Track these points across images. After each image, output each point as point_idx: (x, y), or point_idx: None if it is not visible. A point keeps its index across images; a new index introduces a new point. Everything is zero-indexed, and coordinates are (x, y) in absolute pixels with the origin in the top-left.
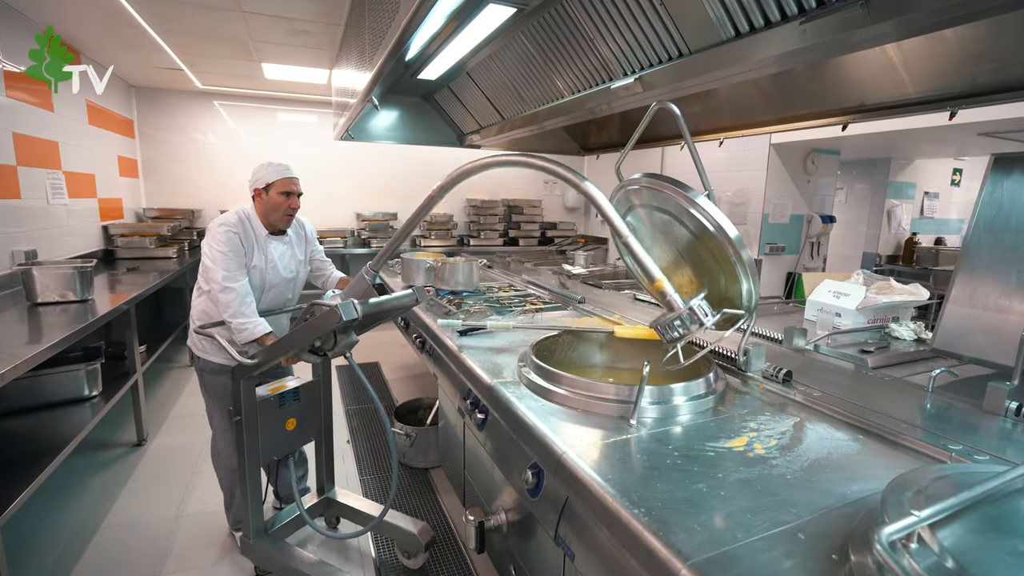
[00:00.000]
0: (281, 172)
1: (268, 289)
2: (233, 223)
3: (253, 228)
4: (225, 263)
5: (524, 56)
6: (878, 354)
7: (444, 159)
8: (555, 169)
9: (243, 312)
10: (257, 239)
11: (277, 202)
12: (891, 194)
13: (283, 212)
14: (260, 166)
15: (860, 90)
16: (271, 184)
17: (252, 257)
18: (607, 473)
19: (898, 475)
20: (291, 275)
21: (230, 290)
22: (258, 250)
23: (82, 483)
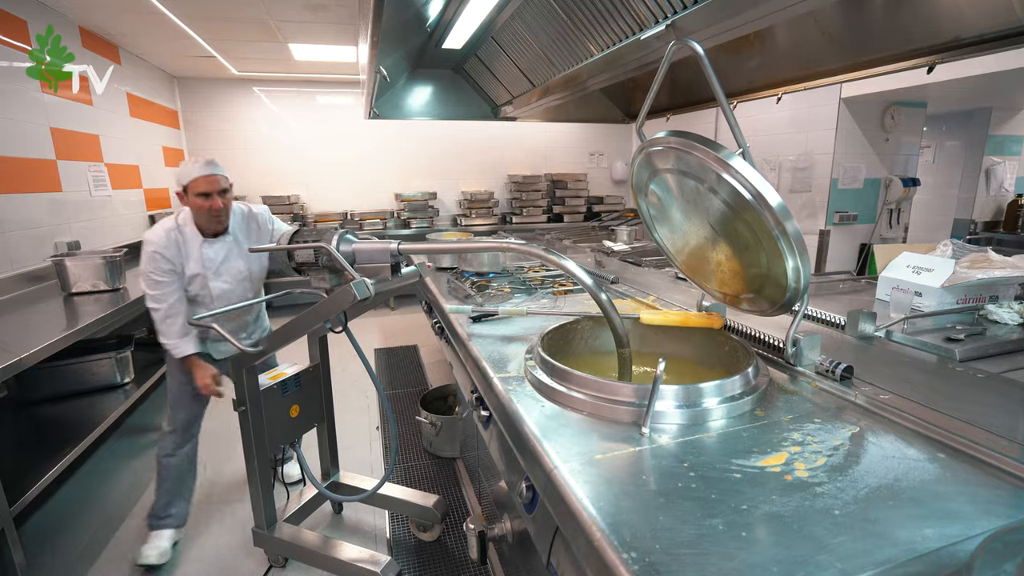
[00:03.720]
0: (194, 171)
1: (218, 298)
2: (156, 241)
3: (184, 236)
4: (149, 283)
5: (548, 13)
6: (969, 343)
7: (481, 134)
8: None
9: (163, 331)
10: (189, 247)
11: (197, 204)
12: (990, 150)
13: (206, 215)
14: (181, 164)
15: (954, 19)
16: (187, 186)
17: (185, 267)
18: (600, 499)
19: (998, 529)
20: (241, 275)
21: (155, 310)
22: (192, 259)
23: (116, 468)
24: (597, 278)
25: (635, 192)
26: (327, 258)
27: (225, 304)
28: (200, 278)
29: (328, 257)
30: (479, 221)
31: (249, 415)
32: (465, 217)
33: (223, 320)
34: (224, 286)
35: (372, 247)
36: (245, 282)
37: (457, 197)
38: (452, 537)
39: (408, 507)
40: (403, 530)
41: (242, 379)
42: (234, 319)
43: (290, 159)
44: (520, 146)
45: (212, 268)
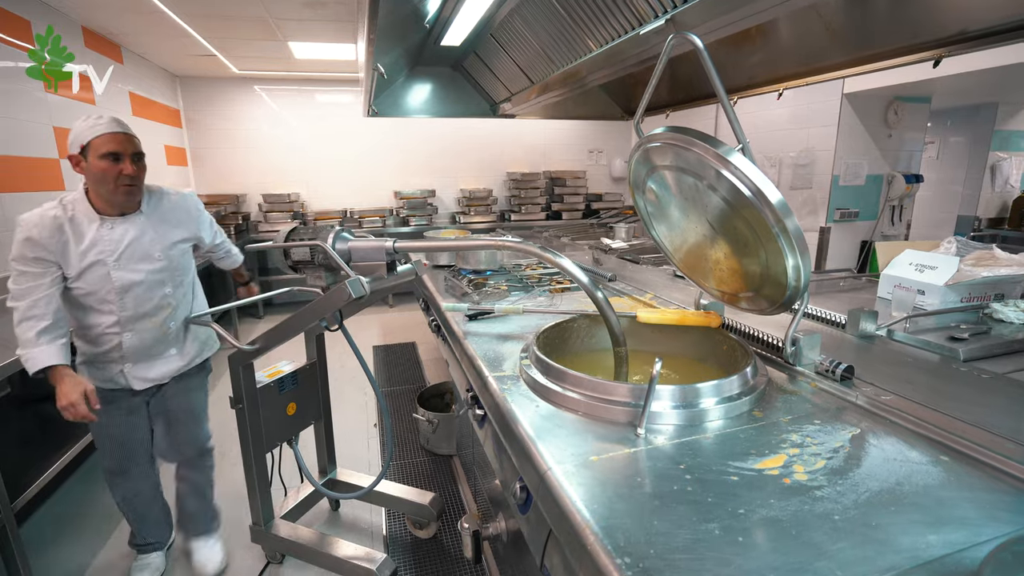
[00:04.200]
0: (99, 127)
1: (127, 290)
2: (28, 222)
3: (73, 218)
4: (12, 275)
5: (546, 9)
6: (973, 342)
7: (480, 131)
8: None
9: (19, 336)
10: (80, 231)
11: (101, 169)
12: (996, 145)
13: (113, 184)
14: (73, 127)
15: (961, 11)
16: (87, 146)
17: (72, 256)
18: (594, 502)
19: (1007, 538)
20: (156, 264)
21: (13, 309)
22: (84, 243)
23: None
24: (595, 276)
25: (633, 189)
26: (323, 256)
27: (141, 300)
28: (97, 268)
29: (324, 255)
30: (478, 219)
31: (246, 412)
32: (464, 215)
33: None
34: (132, 276)
35: (368, 245)
36: (162, 273)
37: (456, 195)
38: (448, 534)
39: (404, 504)
40: (399, 527)
41: (239, 376)
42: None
43: (290, 157)
44: (519, 143)
45: (113, 253)
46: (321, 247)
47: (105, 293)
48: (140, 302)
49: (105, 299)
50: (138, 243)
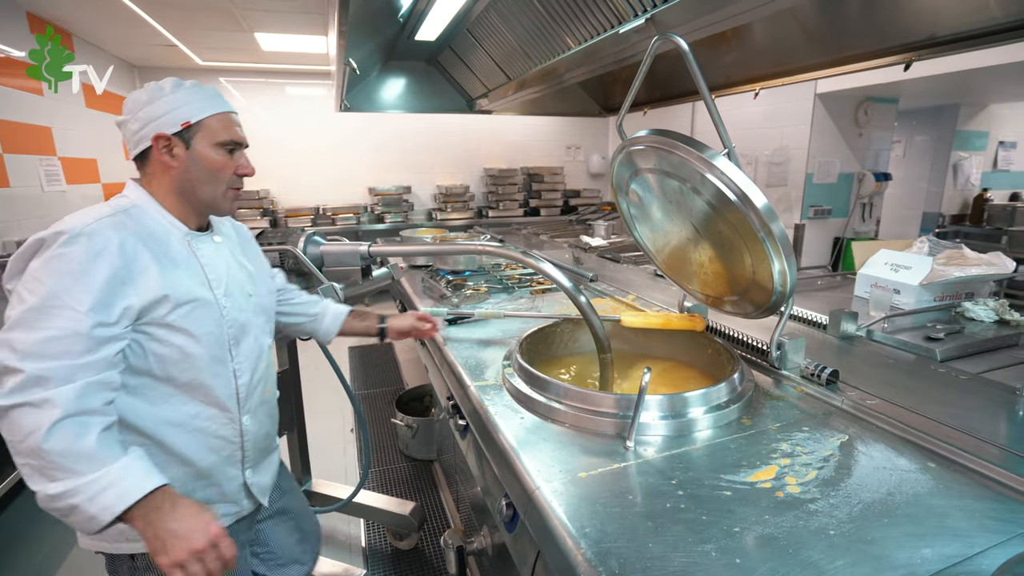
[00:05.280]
0: (213, 100)
1: (238, 339)
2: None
3: (148, 227)
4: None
5: (524, 4)
6: (949, 342)
7: (456, 127)
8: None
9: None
10: (160, 245)
11: (213, 163)
12: (958, 145)
13: (225, 184)
14: (152, 91)
15: (930, 17)
16: (196, 126)
17: (163, 286)
18: (584, 524)
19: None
20: (253, 300)
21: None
22: (179, 265)
23: None
24: (576, 276)
25: (615, 191)
26: (293, 261)
27: (249, 356)
28: (203, 304)
29: (295, 260)
30: (454, 215)
31: None
32: (440, 211)
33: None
34: (241, 316)
35: (341, 249)
36: (260, 316)
37: (432, 191)
38: (430, 545)
39: (384, 516)
40: (379, 539)
41: None
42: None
43: (259, 152)
44: (496, 139)
45: (219, 282)
46: (292, 252)
47: (217, 346)
48: (253, 358)
49: (217, 355)
50: (230, 271)
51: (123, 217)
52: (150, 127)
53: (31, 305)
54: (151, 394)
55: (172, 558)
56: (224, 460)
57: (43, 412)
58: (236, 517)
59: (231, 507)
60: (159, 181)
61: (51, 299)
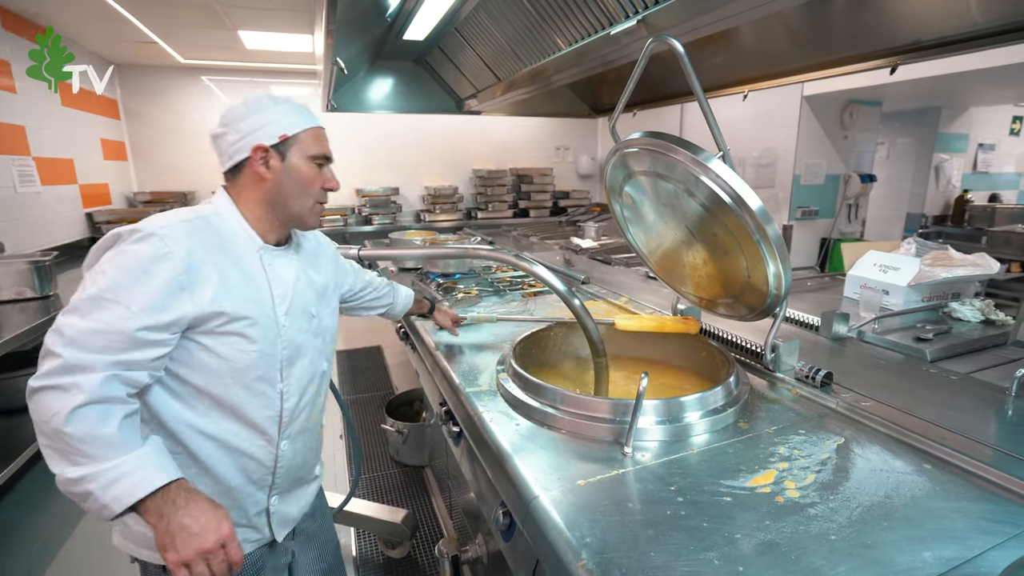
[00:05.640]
0: (307, 115)
1: (292, 361)
2: (170, 233)
3: (228, 240)
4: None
5: (514, 5)
6: (938, 342)
7: (444, 127)
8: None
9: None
10: (240, 259)
11: (305, 176)
12: (939, 147)
13: (313, 198)
14: (252, 105)
15: (915, 22)
16: (292, 139)
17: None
18: (585, 534)
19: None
20: (314, 323)
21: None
22: (248, 278)
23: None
24: (568, 279)
25: (608, 193)
26: None
27: (300, 380)
28: (263, 321)
29: None
30: (443, 217)
31: None
32: (429, 213)
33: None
34: (298, 338)
35: None
36: (318, 338)
37: (420, 192)
38: (423, 553)
39: (375, 524)
40: (370, 547)
41: None
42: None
43: None
44: (485, 140)
45: (284, 300)
46: None
47: (267, 365)
48: (304, 382)
49: (266, 375)
50: (297, 288)
51: (201, 224)
52: (249, 138)
53: (89, 294)
54: (194, 403)
55: (180, 555)
56: (252, 483)
57: (69, 396)
58: (257, 544)
59: (251, 532)
60: (249, 192)
61: (107, 292)
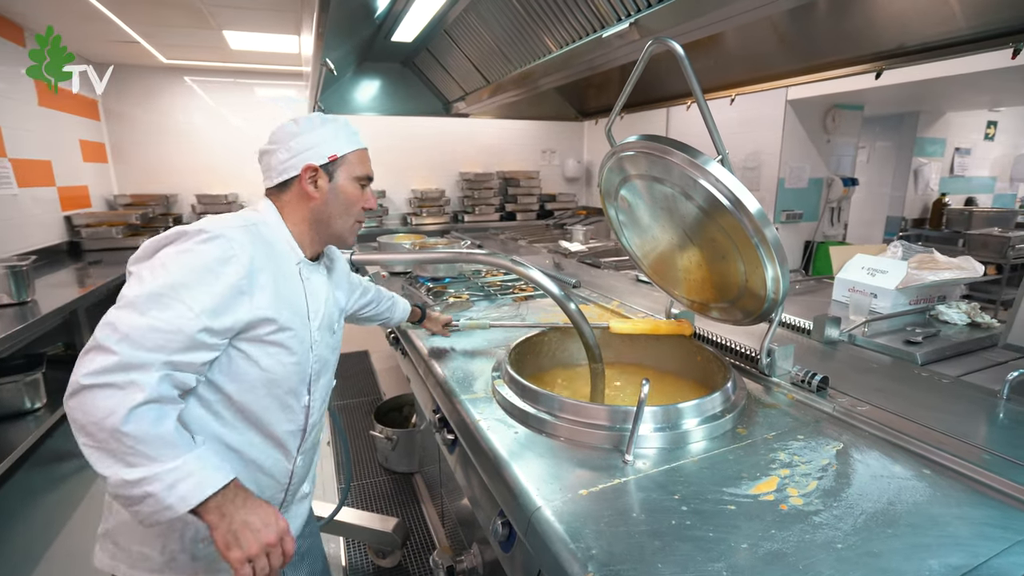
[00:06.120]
0: (354, 136)
1: (319, 376)
2: (233, 237)
3: (277, 249)
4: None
5: (504, 7)
6: (927, 345)
7: (431, 130)
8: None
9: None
10: (286, 270)
11: (351, 196)
12: (918, 151)
13: (354, 218)
14: (303, 124)
15: (899, 28)
16: (341, 159)
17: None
18: (590, 545)
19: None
20: (336, 338)
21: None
22: (293, 291)
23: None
24: (559, 283)
25: (603, 197)
26: None
27: (322, 396)
28: (301, 334)
29: None
30: (430, 220)
31: None
32: (416, 216)
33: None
34: (325, 354)
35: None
36: (336, 353)
37: (407, 195)
38: (414, 562)
39: (366, 533)
40: (360, 556)
41: None
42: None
43: (227, 155)
44: (472, 143)
45: (318, 315)
46: None
47: (299, 379)
48: (324, 397)
49: (296, 389)
50: (327, 305)
51: (256, 231)
52: (300, 157)
53: (150, 290)
54: (222, 412)
55: (245, 551)
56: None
57: (126, 394)
58: None
59: None
60: (294, 208)
61: (170, 289)
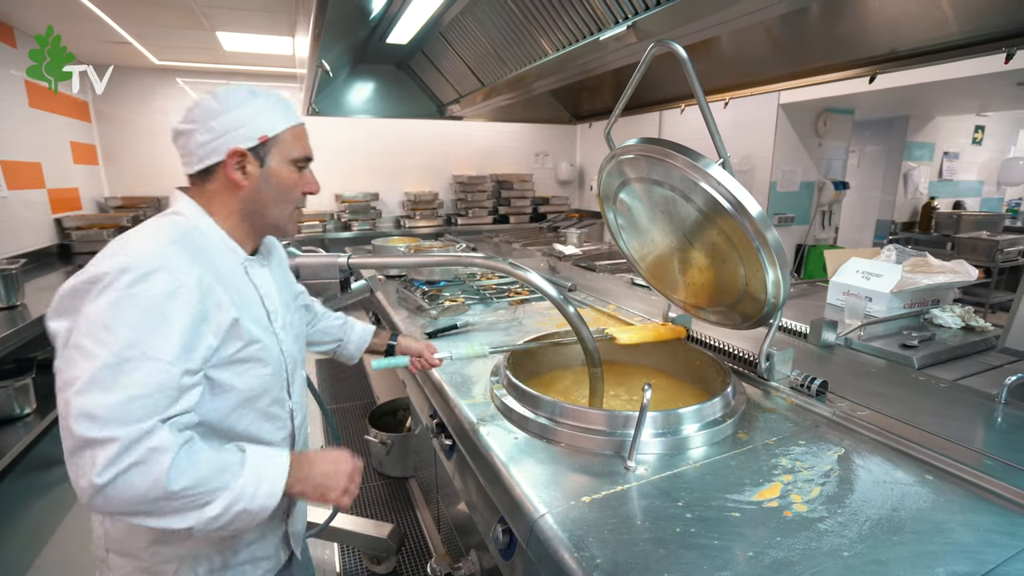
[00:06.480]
0: (289, 113)
1: (297, 370)
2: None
3: (214, 257)
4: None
5: (500, 9)
6: (923, 349)
7: (425, 132)
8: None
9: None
10: (232, 276)
11: (288, 181)
12: (907, 156)
13: (294, 204)
14: (225, 99)
15: (892, 33)
16: (273, 140)
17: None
18: (595, 555)
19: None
20: (299, 332)
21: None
22: (244, 299)
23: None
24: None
25: (602, 200)
26: None
27: (300, 396)
28: (267, 338)
29: None
30: (423, 223)
31: None
32: (409, 219)
33: None
34: (295, 353)
35: (318, 261)
36: (301, 343)
37: (400, 198)
38: (409, 568)
39: (360, 539)
40: (354, 563)
41: None
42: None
43: None
44: (465, 145)
45: (277, 314)
46: None
47: (278, 386)
48: (303, 393)
49: (278, 397)
50: (281, 295)
51: (191, 243)
52: (223, 140)
53: (105, 361)
54: (210, 441)
55: (337, 491)
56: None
57: (153, 463)
58: (274, 572)
59: (269, 562)
60: (222, 200)
61: (128, 351)
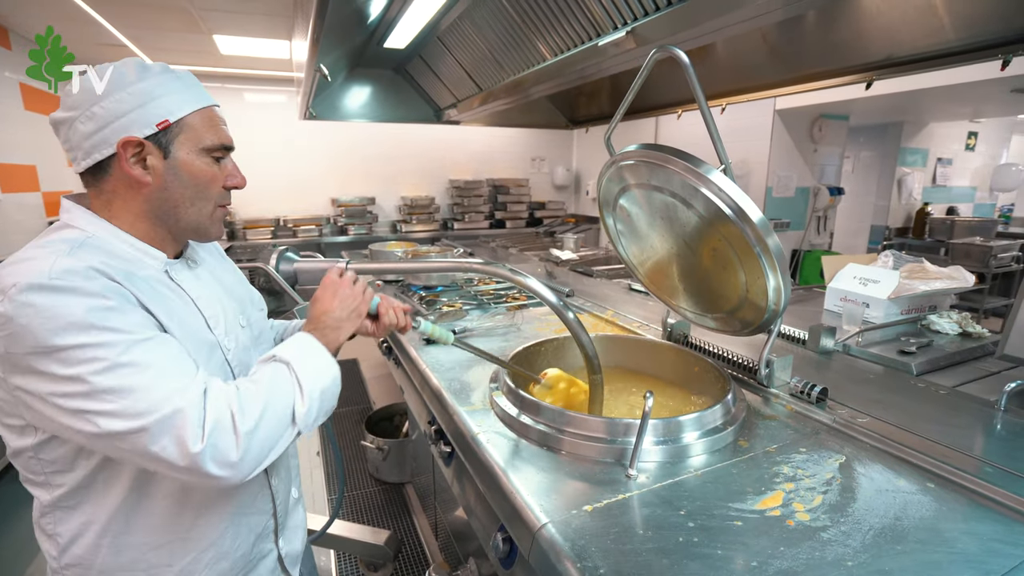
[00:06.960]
0: (196, 92)
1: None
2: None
3: (127, 268)
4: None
5: (499, 14)
6: (921, 355)
7: (422, 136)
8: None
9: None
10: (154, 287)
11: (201, 174)
12: (901, 161)
13: (214, 201)
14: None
15: (888, 40)
16: (177, 126)
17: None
18: (598, 563)
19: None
20: (250, 333)
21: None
22: (175, 311)
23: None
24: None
25: (601, 206)
26: (265, 279)
27: None
28: (206, 347)
29: (266, 278)
30: (420, 227)
31: None
32: (405, 223)
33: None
34: (246, 358)
35: (317, 266)
36: (259, 347)
37: (397, 202)
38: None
39: (357, 546)
40: (351, 570)
41: None
42: None
43: None
44: (462, 150)
45: (215, 319)
46: (263, 270)
47: None
48: None
49: None
50: (220, 299)
51: (91, 246)
52: (112, 128)
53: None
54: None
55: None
56: (262, 539)
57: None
58: None
59: None
60: (123, 202)
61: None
